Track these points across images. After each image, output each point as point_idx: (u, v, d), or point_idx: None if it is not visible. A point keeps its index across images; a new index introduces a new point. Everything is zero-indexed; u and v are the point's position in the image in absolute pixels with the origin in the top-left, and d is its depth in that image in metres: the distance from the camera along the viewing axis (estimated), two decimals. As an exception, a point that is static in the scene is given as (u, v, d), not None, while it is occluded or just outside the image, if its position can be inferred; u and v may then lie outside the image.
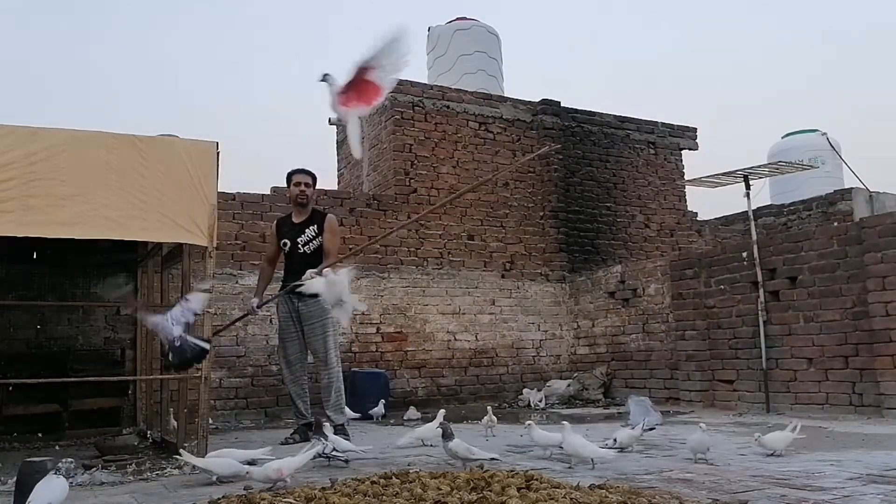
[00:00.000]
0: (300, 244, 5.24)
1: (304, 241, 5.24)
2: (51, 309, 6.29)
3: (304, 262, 5.16)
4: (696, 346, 7.09)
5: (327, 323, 5.17)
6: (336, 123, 9.72)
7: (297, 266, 5.17)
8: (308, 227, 5.27)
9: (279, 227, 5.45)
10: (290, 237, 5.29)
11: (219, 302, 6.57)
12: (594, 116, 9.64)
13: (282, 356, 5.38)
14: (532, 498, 2.73)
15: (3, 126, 3.89)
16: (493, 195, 8.68)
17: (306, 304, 5.13)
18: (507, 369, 8.38)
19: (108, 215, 4.02)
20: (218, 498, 3.04)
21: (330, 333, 5.19)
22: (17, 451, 5.08)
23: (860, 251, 5.76)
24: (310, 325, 5.18)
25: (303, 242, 5.24)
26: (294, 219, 5.37)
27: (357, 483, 3.13)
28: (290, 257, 5.30)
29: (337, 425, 5.16)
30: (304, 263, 5.15)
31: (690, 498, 2.87)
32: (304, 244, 5.24)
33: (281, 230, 5.42)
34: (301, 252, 5.23)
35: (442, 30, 10.60)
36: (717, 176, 7.00)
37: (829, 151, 11.18)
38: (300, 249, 5.24)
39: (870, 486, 3.07)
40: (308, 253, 5.22)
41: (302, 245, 5.24)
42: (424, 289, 8.05)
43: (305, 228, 5.27)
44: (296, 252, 5.25)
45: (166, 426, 5.18)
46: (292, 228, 5.32)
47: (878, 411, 5.50)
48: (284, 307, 5.27)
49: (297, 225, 5.32)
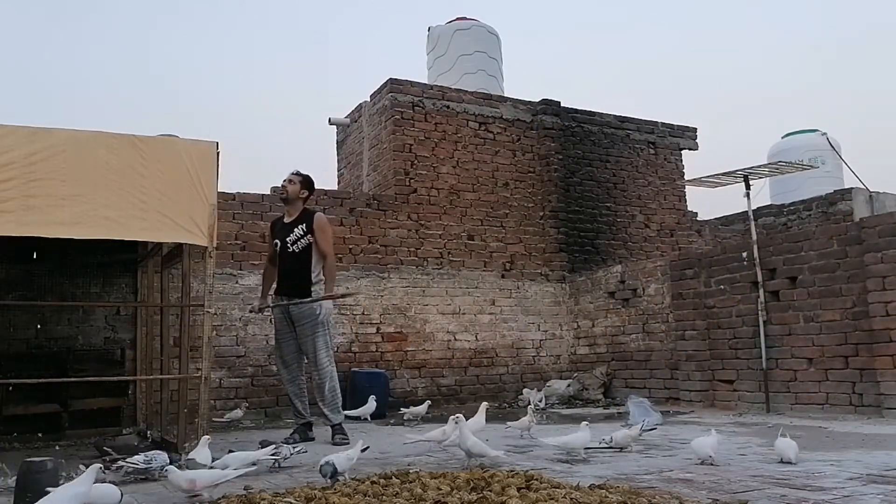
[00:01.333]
0: (289, 243, 5.29)
1: (293, 240, 5.28)
2: (51, 309, 6.28)
3: (294, 259, 5.26)
4: (696, 346, 7.09)
5: (317, 324, 5.21)
6: (336, 123, 9.73)
7: (287, 265, 5.29)
8: (297, 227, 5.32)
9: (272, 228, 5.63)
10: (280, 237, 5.38)
11: (219, 302, 6.56)
12: (594, 116, 9.64)
13: (278, 357, 5.48)
14: (532, 498, 2.73)
15: (3, 126, 3.89)
16: (493, 195, 8.68)
17: (297, 306, 5.22)
18: (507, 369, 8.38)
19: (108, 215, 4.03)
20: (218, 498, 3.04)
21: (320, 334, 5.22)
22: (17, 451, 5.08)
23: (860, 251, 5.76)
24: (300, 326, 5.25)
25: (291, 241, 5.29)
26: (285, 219, 5.45)
27: (357, 483, 3.14)
28: (281, 257, 5.37)
29: (334, 425, 5.23)
30: (293, 261, 5.26)
31: (690, 498, 2.88)
32: (293, 243, 5.28)
33: (273, 230, 5.57)
34: (290, 251, 5.29)
35: (442, 30, 10.60)
36: (717, 176, 6.99)
37: (829, 151, 11.19)
38: (289, 248, 5.29)
39: (870, 486, 3.08)
40: (297, 251, 5.27)
41: (290, 244, 5.29)
42: (424, 289, 8.05)
43: (294, 227, 5.32)
44: (285, 251, 5.31)
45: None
46: (283, 228, 5.41)
47: (878, 411, 5.50)
48: (278, 309, 5.35)
49: (286, 224, 5.39)
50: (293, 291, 5.26)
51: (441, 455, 4.35)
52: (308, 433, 5.29)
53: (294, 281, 5.27)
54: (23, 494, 3.01)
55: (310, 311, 5.21)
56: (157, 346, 5.81)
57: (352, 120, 9.41)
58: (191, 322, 5.00)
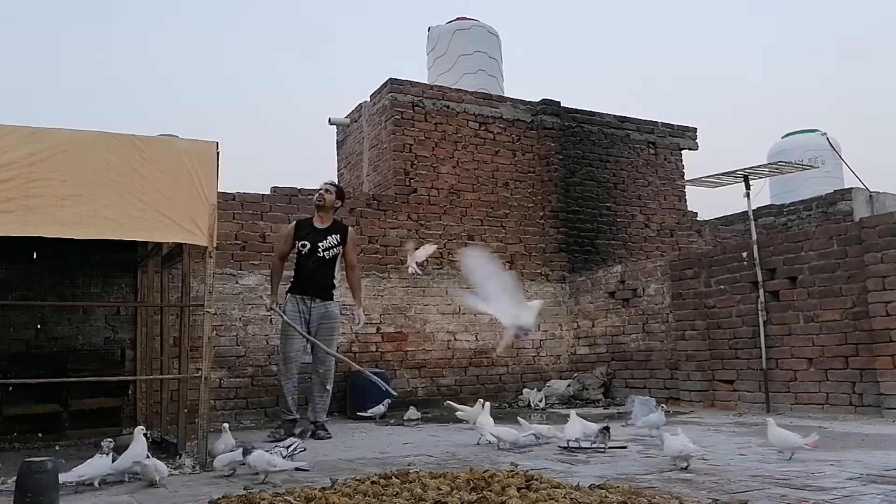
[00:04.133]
0: (321, 248, 5.54)
1: (326, 247, 5.55)
2: (51, 309, 6.28)
3: (322, 264, 5.54)
4: (696, 346, 7.09)
5: (335, 327, 5.62)
6: (336, 123, 9.73)
7: (313, 267, 5.52)
8: (331, 235, 5.60)
9: (298, 228, 5.69)
10: (311, 239, 5.56)
11: (219, 302, 6.56)
12: (594, 116, 9.63)
13: (282, 352, 5.63)
14: (532, 498, 2.73)
15: (3, 126, 3.89)
16: (493, 195, 8.67)
17: (326, 305, 5.53)
18: (507, 369, 8.38)
19: (108, 215, 4.03)
20: (218, 498, 3.04)
21: (335, 337, 5.65)
22: (17, 451, 5.08)
23: (860, 251, 5.76)
24: (323, 326, 5.52)
25: (324, 248, 5.55)
26: (316, 223, 5.65)
27: (357, 483, 3.13)
28: (306, 258, 5.55)
29: (319, 422, 5.49)
30: (320, 265, 5.53)
31: (690, 498, 2.88)
32: (326, 249, 5.55)
33: (300, 231, 5.65)
34: (321, 256, 5.53)
35: (442, 30, 10.60)
36: (717, 176, 6.99)
37: (829, 151, 11.18)
38: (320, 253, 5.54)
39: (870, 486, 3.08)
40: (327, 258, 5.56)
41: (323, 250, 5.54)
42: (424, 289, 8.05)
43: (329, 235, 5.58)
44: (315, 255, 5.53)
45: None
46: (313, 231, 5.60)
47: (878, 411, 5.50)
48: (295, 307, 5.53)
49: (319, 230, 5.61)
50: (320, 293, 5.54)
51: (441, 455, 4.36)
52: (293, 429, 5.48)
53: (321, 283, 5.56)
54: (23, 495, 3.00)
55: (334, 314, 5.58)
56: (157, 346, 5.81)
57: (352, 120, 9.41)
58: (191, 322, 5.00)
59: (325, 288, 5.55)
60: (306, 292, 5.53)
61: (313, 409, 5.53)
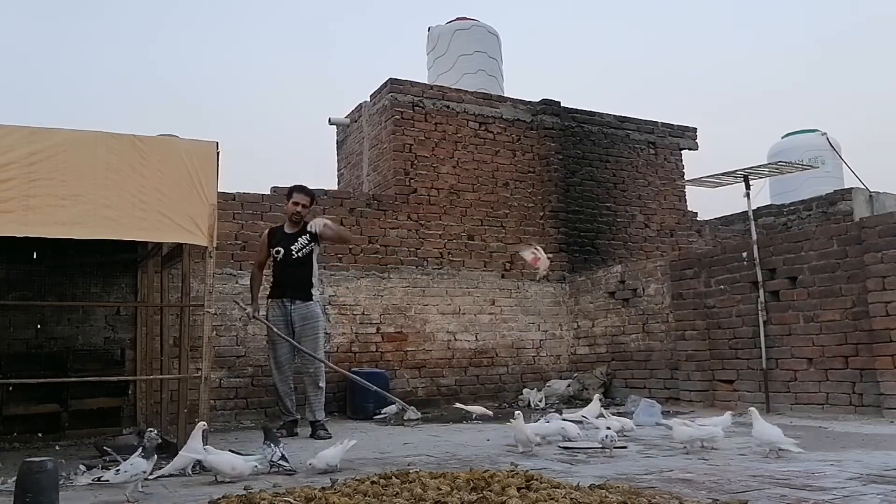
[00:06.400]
0: (294, 251, 5.70)
1: (298, 248, 5.71)
2: (51, 309, 6.28)
3: (298, 266, 5.70)
4: (696, 346, 7.08)
5: (319, 326, 5.71)
6: (336, 123, 9.72)
7: (290, 270, 5.69)
8: (301, 237, 5.73)
9: (271, 236, 5.89)
10: (283, 245, 5.74)
11: (219, 302, 6.56)
12: (594, 116, 9.63)
13: (272, 357, 5.81)
14: (532, 498, 2.73)
15: (3, 126, 3.89)
16: (493, 195, 8.67)
17: (306, 305, 5.66)
18: (507, 369, 8.38)
19: (108, 215, 4.03)
20: (218, 498, 3.04)
21: (320, 335, 5.76)
22: (17, 451, 5.08)
23: (860, 251, 5.76)
24: (304, 327, 5.64)
25: (296, 249, 5.71)
26: (287, 229, 5.83)
27: (357, 483, 3.14)
28: (281, 265, 5.75)
29: (318, 421, 5.60)
30: (296, 266, 5.70)
31: (690, 498, 2.88)
32: (298, 250, 5.71)
33: (273, 239, 5.85)
34: (294, 258, 5.69)
35: (442, 30, 10.59)
36: (717, 176, 6.99)
37: (829, 151, 11.18)
38: (293, 255, 5.70)
39: (870, 486, 3.08)
40: (301, 258, 5.71)
41: (296, 252, 5.70)
42: (424, 289, 8.05)
43: (298, 237, 5.75)
44: (289, 258, 5.70)
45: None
46: (284, 237, 5.79)
47: (878, 411, 5.50)
48: (278, 311, 5.71)
49: (289, 235, 5.79)
50: (299, 294, 5.67)
51: (441, 455, 4.36)
52: (294, 429, 5.68)
53: (299, 284, 5.68)
54: (23, 495, 3.00)
55: (315, 313, 5.69)
56: (157, 346, 5.80)
57: (352, 120, 9.41)
58: (191, 322, 5.00)
59: (304, 289, 5.68)
60: (286, 295, 5.67)
61: (310, 408, 5.65)
